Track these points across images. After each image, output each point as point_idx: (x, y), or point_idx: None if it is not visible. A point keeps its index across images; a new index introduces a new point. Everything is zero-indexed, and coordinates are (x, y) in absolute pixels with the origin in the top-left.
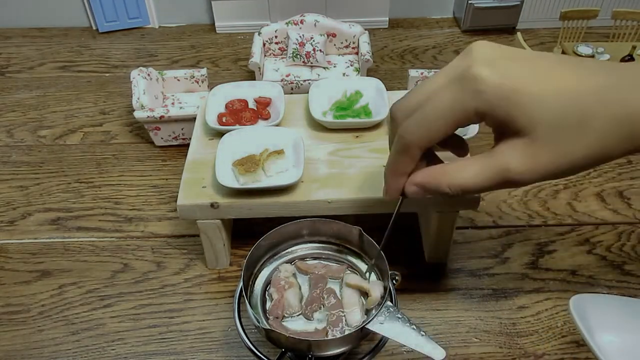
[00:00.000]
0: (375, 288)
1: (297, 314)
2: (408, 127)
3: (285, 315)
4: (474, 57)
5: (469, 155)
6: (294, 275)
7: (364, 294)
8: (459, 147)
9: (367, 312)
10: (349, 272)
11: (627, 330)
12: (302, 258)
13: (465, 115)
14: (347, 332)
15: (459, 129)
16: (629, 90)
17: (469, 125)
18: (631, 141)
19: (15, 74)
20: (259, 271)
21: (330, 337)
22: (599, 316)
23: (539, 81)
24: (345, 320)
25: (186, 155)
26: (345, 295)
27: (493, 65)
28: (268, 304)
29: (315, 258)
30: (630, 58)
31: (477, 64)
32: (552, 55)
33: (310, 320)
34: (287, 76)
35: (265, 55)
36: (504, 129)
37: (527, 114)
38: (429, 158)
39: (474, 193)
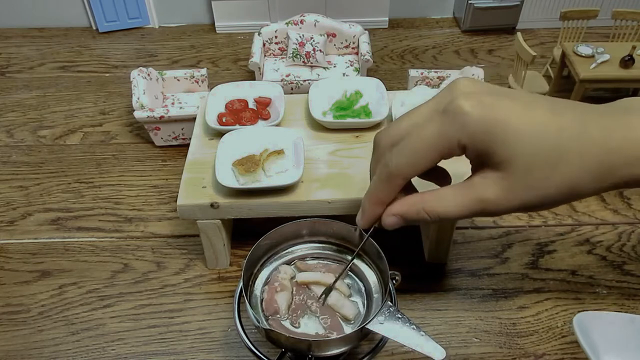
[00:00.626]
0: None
1: (284, 318)
2: (393, 157)
3: (270, 316)
4: (457, 91)
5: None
6: (292, 277)
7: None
8: (442, 177)
9: (367, 308)
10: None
11: (631, 349)
12: (302, 258)
13: (449, 146)
14: (347, 332)
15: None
16: (604, 130)
17: (451, 157)
18: (602, 180)
19: (15, 74)
20: (259, 271)
21: (330, 337)
22: (603, 335)
23: (518, 116)
24: (343, 318)
25: (186, 155)
26: (332, 298)
27: (475, 99)
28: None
29: (315, 258)
30: (630, 58)
31: (460, 97)
32: (529, 93)
33: (296, 327)
34: (287, 76)
35: (265, 55)
36: (482, 161)
37: (506, 148)
38: (407, 188)
39: (452, 220)
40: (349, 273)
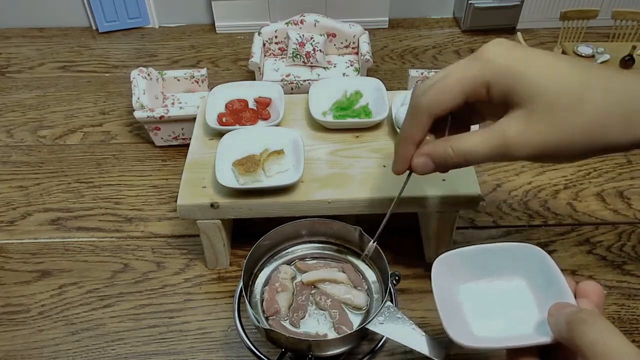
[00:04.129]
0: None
1: (284, 319)
2: (421, 94)
3: (270, 316)
4: (489, 43)
5: None
6: (293, 278)
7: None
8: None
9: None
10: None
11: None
12: (302, 258)
13: (473, 83)
14: (347, 332)
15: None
16: (628, 82)
17: (476, 99)
18: (629, 125)
19: (15, 74)
20: (259, 271)
21: (330, 337)
22: (452, 268)
23: (544, 61)
24: (355, 308)
25: (186, 155)
26: (334, 291)
27: (504, 46)
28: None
29: (315, 258)
30: (630, 58)
31: (490, 45)
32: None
33: (297, 328)
34: (287, 76)
35: (265, 55)
36: (507, 101)
37: (529, 85)
38: (438, 134)
39: (476, 161)
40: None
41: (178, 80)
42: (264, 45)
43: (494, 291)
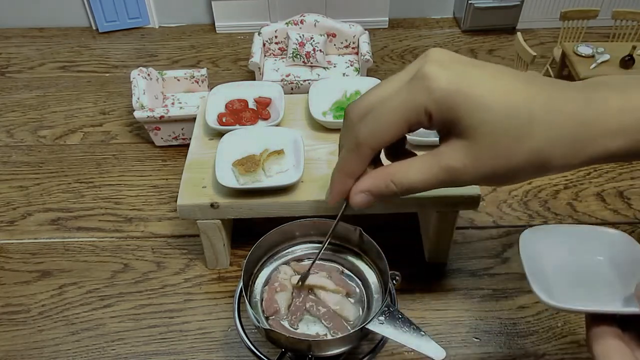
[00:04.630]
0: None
1: (283, 319)
2: (361, 127)
3: (270, 316)
4: (428, 59)
5: None
6: (292, 278)
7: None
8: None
9: (368, 309)
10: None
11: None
12: (302, 258)
13: (416, 114)
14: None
15: (429, 135)
16: (577, 102)
17: (418, 128)
18: (574, 154)
19: (15, 74)
20: (259, 271)
21: (330, 337)
22: (545, 246)
23: (486, 85)
24: (344, 319)
25: (186, 155)
26: (327, 300)
27: (444, 67)
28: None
29: (311, 259)
30: (630, 58)
31: (429, 64)
32: (502, 66)
33: (295, 329)
34: (287, 76)
35: (265, 55)
36: (450, 129)
37: (472, 115)
38: (376, 165)
39: (420, 191)
40: (350, 274)
41: (178, 80)
42: (264, 45)
43: (579, 266)
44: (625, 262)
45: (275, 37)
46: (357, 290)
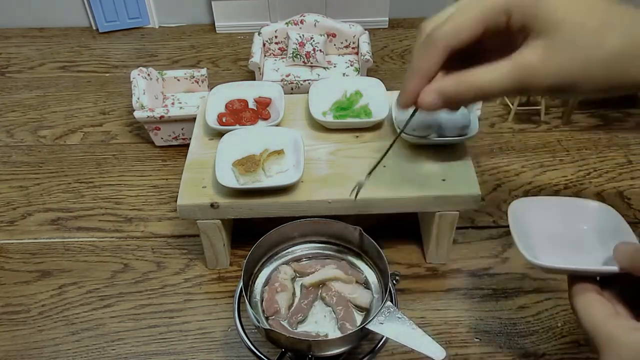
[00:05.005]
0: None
1: (283, 319)
2: (437, 27)
3: (270, 316)
4: None
5: None
6: (293, 278)
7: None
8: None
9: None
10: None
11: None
12: (302, 258)
13: (496, 11)
14: (347, 332)
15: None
16: None
17: (495, 29)
18: None
19: (15, 74)
20: (259, 271)
21: (330, 337)
22: (534, 218)
23: None
24: (358, 308)
25: (186, 155)
26: (342, 290)
27: None
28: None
29: (314, 258)
30: None
31: None
32: None
33: (294, 330)
34: (287, 76)
35: (265, 55)
36: (528, 29)
37: (555, 12)
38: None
39: (491, 95)
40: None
41: (178, 80)
42: (264, 45)
43: (564, 233)
44: (607, 230)
45: (275, 37)
46: (363, 275)
